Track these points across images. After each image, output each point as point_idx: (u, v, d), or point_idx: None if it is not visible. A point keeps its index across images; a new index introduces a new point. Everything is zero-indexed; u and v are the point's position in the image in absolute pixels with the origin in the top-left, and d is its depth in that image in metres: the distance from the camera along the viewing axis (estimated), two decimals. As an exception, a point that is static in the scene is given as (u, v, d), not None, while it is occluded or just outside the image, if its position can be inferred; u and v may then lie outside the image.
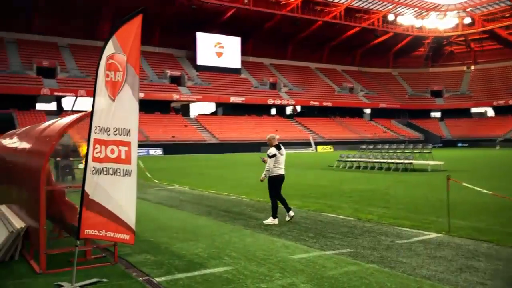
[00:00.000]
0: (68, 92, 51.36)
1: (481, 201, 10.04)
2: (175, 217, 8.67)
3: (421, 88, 79.70)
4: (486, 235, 6.73)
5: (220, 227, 7.58)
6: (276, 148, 8.17)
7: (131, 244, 4.73)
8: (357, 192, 12.28)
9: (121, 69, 4.42)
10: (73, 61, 56.69)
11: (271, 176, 8.16)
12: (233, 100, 60.67)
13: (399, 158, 20.90)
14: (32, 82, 49.98)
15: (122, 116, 4.42)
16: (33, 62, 52.69)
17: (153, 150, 48.83)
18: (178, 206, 10.20)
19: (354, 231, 7.21)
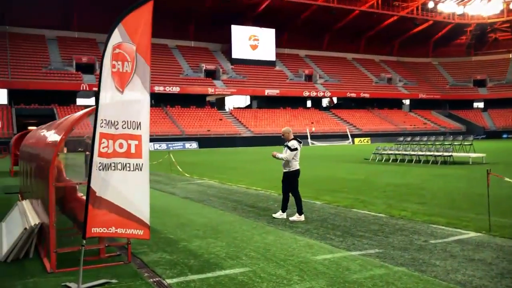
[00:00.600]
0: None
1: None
2: (200, 212, 8.46)
3: (463, 78, 76.72)
4: (531, 235, 6.15)
5: (243, 223, 7.30)
6: (298, 142, 7.84)
7: (147, 239, 4.54)
8: (392, 187, 11.73)
9: (129, 59, 4.18)
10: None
11: (291, 171, 7.84)
12: (267, 93, 60.27)
13: (438, 150, 20.02)
14: (72, 78, 51.28)
15: (132, 109, 4.19)
16: (73, 58, 54.05)
17: (188, 143, 49.23)
18: (205, 200, 10.01)
19: (385, 229, 6.76)
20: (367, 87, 68.90)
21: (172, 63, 60.52)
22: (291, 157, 7.75)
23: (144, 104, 4.26)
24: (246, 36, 65.24)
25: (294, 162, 7.79)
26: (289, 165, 7.79)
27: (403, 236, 6.33)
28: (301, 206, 7.80)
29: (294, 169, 7.85)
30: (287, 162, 7.75)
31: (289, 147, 7.75)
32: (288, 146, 7.77)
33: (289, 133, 7.95)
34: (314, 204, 9.28)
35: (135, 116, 4.21)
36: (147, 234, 4.42)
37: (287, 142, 7.87)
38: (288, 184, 7.85)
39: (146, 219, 4.36)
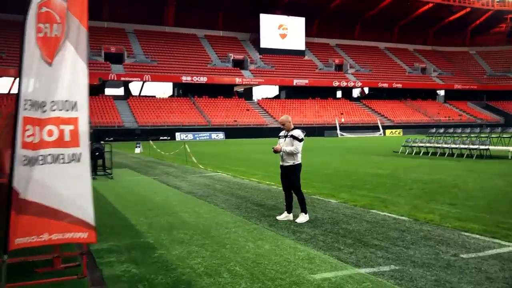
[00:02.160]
0: (134, 77, 52.25)
1: None
2: (197, 211, 7.55)
3: (502, 68, 73.06)
4: None
5: (240, 226, 6.34)
6: (301, 131, 6.85)
7: (93, 242, 3.69)
8: (419, 184, 10.53)
9: (59, 20, 3.24)
10: (139, 47, 57.64)
11: (295, 164, 6.82)
12: (296, 83, 58.90)
13: (473, 143, 18.48)
14: (101, 67, 51.31)
15: (64, 84, 3.26)
16: (102, 48, 54.11)
17: (215, 134, 48.62)
18: (209, 197, 9.10)
19: (407, 237, 5.67)
20: (400, 77, 66.50)
21: (200, 52, 59.91)
22: (300, 149, 6.78)
23: (80, 77, 3.32)
24: (275, 25, 63.86)
25: (299, 154, 6.82)
26: (293, 157, 6.79)
27: (427, 247, 5.23)
28: (305, 203, 6.81)
29: (298, 162, 6.85)
30: (291, 154, 6.75)
31: (296, 137, 6.73)
32: (294, 136, 6.74)
33: (290, 122, 6.93)
34: (329, 203, 8.23)
35: (68, 93, 3.28)
36: (93, 236, 3.56)
37: (289, 132, 6.86)
38: (291, 179, 6.85)
39: (90, 219, 3.48)
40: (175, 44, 59.27)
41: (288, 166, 6.83)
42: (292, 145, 6.74)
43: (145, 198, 9.02)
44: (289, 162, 6.81)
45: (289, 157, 6.79)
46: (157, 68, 53.64)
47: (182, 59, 56.57)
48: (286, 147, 6.78)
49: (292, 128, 6.89)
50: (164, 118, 47.95)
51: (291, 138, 6.76)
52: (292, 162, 6.79)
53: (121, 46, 55.48)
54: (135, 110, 49.18)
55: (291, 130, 6.86)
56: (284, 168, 6.91)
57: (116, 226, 6.48)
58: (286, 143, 6.81)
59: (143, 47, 57.43)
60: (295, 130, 6.85)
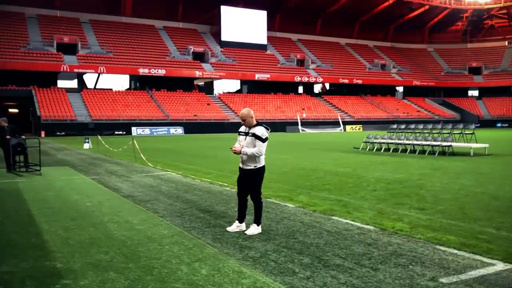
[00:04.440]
0: (88, 69, 49.88)
1: (553, 202, 7.39)
2: (131, 220, 6.41)
3: (458, 65, 74.90)
4: None
5: (178, 242, 5.26)
6: (265, 128, 5.76)
7: None
8: (383, 184, 9.77)
9: None
10: (94, 37, 55.15)
11: (257, 167, 5.73)
12: (258, 78, 58.02)
13: (436, 139, 18.08)
14: (52, 58, 48.66)
15: None
16: (54, 38, 51.37)
17: (173, 129, 47.11)
18: (149, 201, 7.97)
19: (374, 254, 4.78)
20: (360, 73, 66.85)
21: (158, 44, 57.99)
22: (264, 150, 5.68)
23: None
24: (237, 18, 62.67)
25: (262, 156, 5.74)
26: (255, 160, 5.70)
27: (399, 267, 4.34)
28: (261, 214, 5.80)
29: (261, 165, 5.76)
30: (253, 156, 5.67)
31: (259, 136, 5.60)
32: (257, 135, 5.61)
33: (252, 118, 5.76)
34: (285, 208, 7.28)
35: None
36: None
37: (250, 129, 5.73)
38: (250, 185, 5.78)
39: None
40: (133, 35, 57.10)
41: (249, 170, 5.74)
42: (254, 145, 5.62)
43: (72, 203, 7.79)
44: (250, 165, 5.72)
45: (250, 160, 5.69)
46: (113, 59, 51.43)
47: (139, 51, 54.54)
48: (247, 148, 5.67)
49: (254, 125, 5.73)
50: (120, 112, 45.97)
51: (252, 138, 5.64)
52: (254, 166, 5.71)
53: (74, 36, 52.89)
54: (89, 103, 46.92)
55: (252, 127, 5.72)
56: (243, 171, 5.82)
57: (21, 243, 5.27)
58: (247, 142, 5.70)
59: (99, 38, 54.98)
60: (257, 127, 5.69)
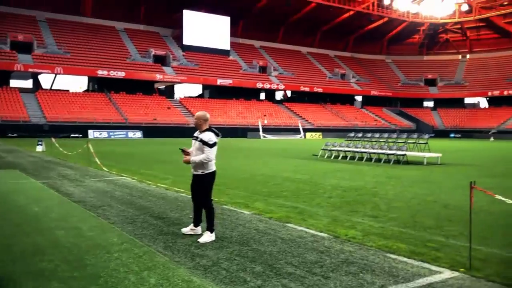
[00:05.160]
0: (44, 69, 48.23)
1: (497, 210, 7.69)
2: (80, 227, 6.17)
3: (415, 76, 77.44)
4: (526, 276, 4.36)
5: (127, 249, 5.09)
6: (215, 135, 5.70)
7: None
8: (339, 191, 9.89)
9: None
10: (51, 36, 53.45)
11: (205, 173, 5.68)
12: (220, 83, 57.84)
13: (391, 148, 18.55)
14: (5, 57, 46.77)
15: None
16: (8, 36, 49.42)
17: (132, 132, 46.16)
18: (101, 207, 7.72)
19: (326, 262, 4.79)
20: (321, 81, 67.93)
21: (118, 46, 56.88)
22: (213, 156, 5.60)
23: None
24: (200, 22, 62.34)
25: (211, 162, 5.67)
26: (203, 166, 5.66)
27: (350, 275, 4.36)
28: (213, 220, 5.73)
29: (211, 171, 5.71)
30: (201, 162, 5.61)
31: (206, 142, 5.54)
32: (204, 141, 5.56)
33: (205, 121, 5.71)
34: (241, 215, 7.22)
35: None
36: None
37: (199, 134, 5.70)
38: (199, 190, 5.74)
39: None
40: (92, 36, 55.73)
41: (196, 175, 5.72)
42: (202, 151, 5.57)
43: (19, 208, 7.44)
44: (198, 171, 5.68)
45: (198, 166, 5.65)
46: (70, 60, 49.99)
47: (98, 52, 53.27)
48: (195, 156, 5.63)
49: (204, 130, 5.67)
50: (76, 114, 44.66)
51: (200, 143, 5.59)
52: (201, 172, 5.65)
53: (30, 34, 51.10)
54: (44, 105, 45.33)
55: (202, 132, 5.66)
56: (194, 177, 5.80)
57: (-39, 250, 4.97)
58: (196, 148, 5.67)
59: (56, 37, 53.34)
60: (206, 132, 5.63)
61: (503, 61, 73.24)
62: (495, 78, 69.96)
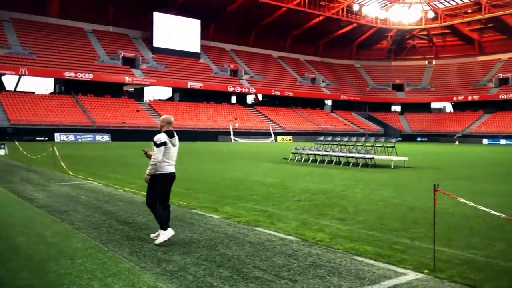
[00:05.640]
0: (7, 70, 46.83)
1: (461, 212, 7.89)
2: (43, 233, 5.99)
3: (383, 81, 78.97)
4: (489, 276, 4.47)
5: (92, 255, 4.96)
6: (168, 135, 5.69)
7: None
8: (308, 194, 9.95)
9: None
10: (15, 37, 51.92)
11: (156, 173, 5.69)
12: (190, 86, 57.48)
13: (360, 152, 18.82)
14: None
15: None
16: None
17: (100, 135, 45.28)
18: (66, 212, 7.52)
19: (293, 265, 4.80)
20: (292, 85, 68.43)
21: (86, 48, 55.74)
22: (159, 157, 5.58)
23: None
24: (170, 24, 61.84)
25: (163, 163, 5.66)
26: (155, 166, 5.66)
27: (317, 278, 4.38)
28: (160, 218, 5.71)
29: (161, 172, 5.68)
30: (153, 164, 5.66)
31: (154, 142, 5.62)
32: (153, 141, 5.66)
33: (167, 124, 5.77)
34: (210, 219, 7.16)
35: None
36: None
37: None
38: (156, 191, 5.73)
39: None
40: (59, 37, 54.44)
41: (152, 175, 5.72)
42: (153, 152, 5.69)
43: (-22, 215, 7.17)
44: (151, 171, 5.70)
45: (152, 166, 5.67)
46: (36, 61, 48.68)
47: (65, 53, 52.09)
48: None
49: (163, 131, 5.75)
50: (42, 117, 43.51)
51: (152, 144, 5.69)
52: (154, 172, 5.66)
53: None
54: (7, 107, 43.95)
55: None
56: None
57: None
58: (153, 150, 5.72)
59: (21, 38, 51.86)
60: (159, 134, 5.71)
61: (467, 67, 75.60)
62: (460, 84, 72.12)
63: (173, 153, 5.75)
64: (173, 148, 5.73)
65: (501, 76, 67.95)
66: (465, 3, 70.82)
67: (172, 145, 5.69)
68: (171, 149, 5.67)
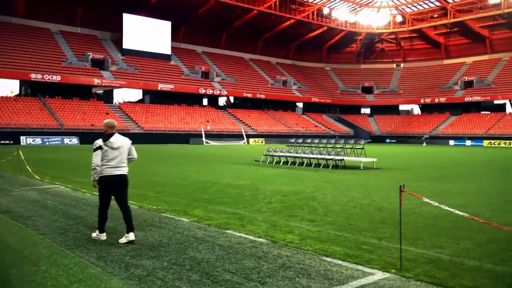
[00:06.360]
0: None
1: (427, 212, 8.07)
2: (6, 239, 5.81)
3: (353, 84, 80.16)
4: (454, 274, 4.59)
5: (57, 261, 4.85)
6: (104, 139, 5.78)
7: None
8: (279, 196, 10.00)
9: None
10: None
11: (100, 177, 5.80)
12: (161, 88, 56.89)
13: (330, 153, 19.05)
14: None
15: None
16: None
17: (68, 139, 44.28)
18: (30, 218, 7.32)
19: (263, 267, 4.81)
20: (263, 88, 68.65)
21: (54, 49, 54.47)
22: (97, 161, 5.69)
23: None
24: (140, 26, 61.12)
25: (103, 166, 5.74)
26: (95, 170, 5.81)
27: (286, 280, 4.40)
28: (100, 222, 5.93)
29: (103, 176, 5.77)
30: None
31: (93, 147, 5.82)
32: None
33: (110, 128, 5.94)
34: (180, 223, 7.10)
35: None
36: None
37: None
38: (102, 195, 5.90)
39: None
40: (24, 38, 52.98)
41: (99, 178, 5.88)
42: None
43: None
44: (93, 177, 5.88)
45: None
46: (0, 62, 47.24)
47: (31, 54, 50.75)
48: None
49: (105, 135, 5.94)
50: (7, 120, 42.24)
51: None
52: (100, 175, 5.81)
53: None
54: (-30, 109, 42.53)
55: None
56: None
57: None
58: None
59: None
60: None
61: (434, 70, 77.60)
62: (427, 87, 73.93)
63: (114, 156, 5.79)
64: (113, 151, 5.79)
65: (466, 79, 70.02)
66: (432, 8, 72.69)
67: (110, 148, 5.76)
68: (109, 152, 5.75)
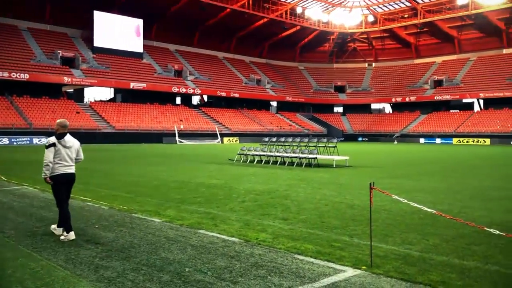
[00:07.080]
0: None
1: (398, 209, 8.21)
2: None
3: (325, 83, 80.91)
4: (422, 269, 4.67)
5: (23, 265, 4.70)
6: (56, 137, 5.96)
7: None
8: (252, 195, 9.99)
9: None
10: None
11: (52, 175, 5.97)
12: (133, 86, 56.12)
13: (303, 152, 19.16)
14: None
15: None
16: None
17: (37, 138, 43.20)
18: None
19: (235, 266, 4.79)
20: (237, 87, 68.57)
21: (21, 47, 53.03)
22: (49, 158, 5.84)
23: None
24: (111, 24, 60.12)
25: (56, 164, 5.92)
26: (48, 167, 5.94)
27: (258, 279, 4.40)
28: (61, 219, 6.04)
29: (54, 174, 5.97)
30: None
31: (45, 144, 5.98)
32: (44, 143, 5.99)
33: (61, 127, 6.11)
34: (151, 223, 7.01)
35: None
36: None
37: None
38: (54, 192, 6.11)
39: None
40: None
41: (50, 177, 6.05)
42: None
43: None
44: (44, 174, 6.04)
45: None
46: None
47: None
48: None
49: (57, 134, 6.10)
50: (-28, 119, 40.95)
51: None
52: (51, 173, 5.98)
53: None
54: None
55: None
56: None
57: None
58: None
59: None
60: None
61: (405, 70, 79.08)
62: (398, 86, 75.27)
63: (66, 154, 6.01)
64: (65, 150, 5.99)
65: (436, 78, 71.61)
66: (402, 8, 73.98)
67: (62, 147, 5.95)
68: (62, 150, 5.93)
